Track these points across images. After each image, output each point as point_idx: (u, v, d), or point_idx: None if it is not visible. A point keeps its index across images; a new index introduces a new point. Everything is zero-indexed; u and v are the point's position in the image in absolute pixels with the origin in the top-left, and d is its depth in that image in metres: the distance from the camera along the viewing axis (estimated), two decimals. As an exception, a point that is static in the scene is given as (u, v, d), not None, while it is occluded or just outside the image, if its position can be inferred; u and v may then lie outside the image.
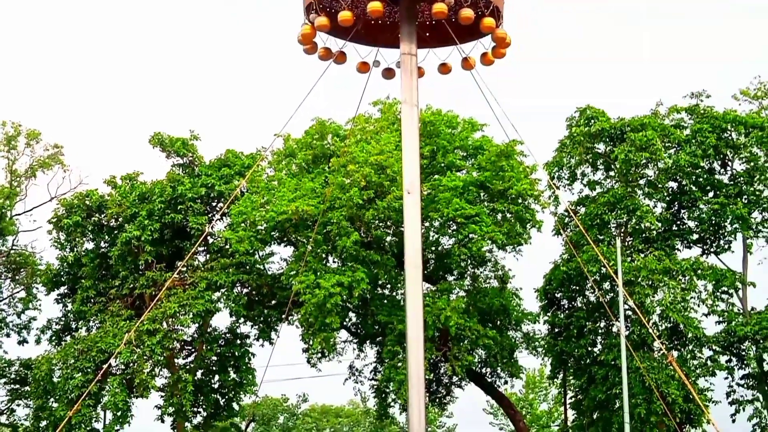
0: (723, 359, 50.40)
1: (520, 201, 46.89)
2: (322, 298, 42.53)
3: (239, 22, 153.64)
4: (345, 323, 47.52)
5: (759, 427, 52.24)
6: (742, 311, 51.00)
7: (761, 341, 48.97)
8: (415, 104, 22.18)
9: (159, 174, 52.71)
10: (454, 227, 45.53)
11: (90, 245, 53.41)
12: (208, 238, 48.60)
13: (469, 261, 47.99)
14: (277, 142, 47.80)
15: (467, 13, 20.94)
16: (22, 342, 56.37)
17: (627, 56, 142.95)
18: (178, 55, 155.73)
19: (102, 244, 52.84)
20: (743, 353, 50.44)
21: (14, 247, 57.86)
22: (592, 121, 50.69)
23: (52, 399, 48.30)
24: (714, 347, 49.79)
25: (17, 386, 54.89)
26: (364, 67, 23.30)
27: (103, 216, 52.48)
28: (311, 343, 46.35)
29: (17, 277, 56.79)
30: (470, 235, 45.05)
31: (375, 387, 50.18)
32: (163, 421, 51.76)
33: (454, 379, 50.25)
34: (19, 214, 57.79)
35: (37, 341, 55.76)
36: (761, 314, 49.70)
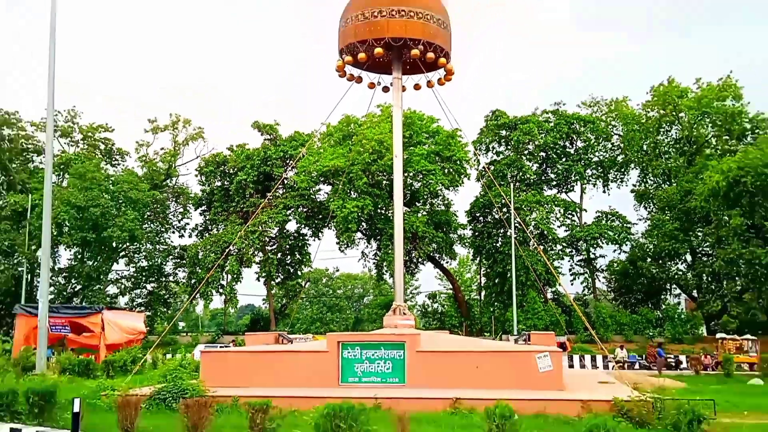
0: (567, 250, 50.78)
1: (458, 162, 47.10)
2: (347, 214, 42.90)
3: (301, 46, 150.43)
4: (360, 228, 47.71)
5: (587, 288, 52.92)
6: (579, 224, 51.26)
7: (589, 240, 49.38)
8: (401, 107, 22.23)
9: (256, 144, 52.78)
10: (421, 176, 45.66)
11: (218, 183, 53.53)
12: (284, 180, 48.64)
13: (428, 195, 48.23)
14: (323, 127, 47.87)
15: (430, 55, 20.89)
16: (181, 236, 56.73)
17: (524, 76, 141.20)
18: (255, 63, 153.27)
19: (225, 183, 52.91)
20: (578, 247, 50.78)
21: (176, 184, 57.97)
22: (499, 117, 50.61)
23: (198, 267, 48.61)
24: (562, 244, 50.05)
25: (178, 260, 55.27)
26: (371, 85, 23.29)
27: (225, 167, 52.54)
28: (341, 238, 46.77)
29: (178, 201, 56.90)
30: (429, 181, 45.36)
31: (376, 264, 50.48)
32: (258, 280, 52.38)
33: (419, 260, 50.66)
34: (178, 166, 57.83)
35: (189, 236, 56.16)
36: (589, 226, 49.90)
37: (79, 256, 51.37)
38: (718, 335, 38.65)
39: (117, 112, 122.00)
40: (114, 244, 50.38)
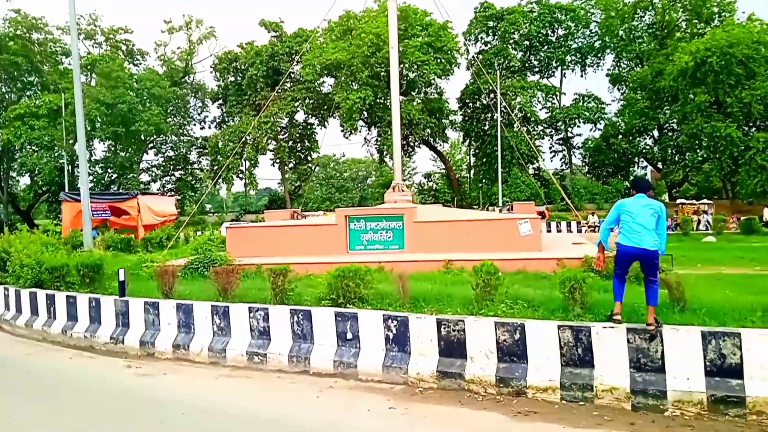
0: (548, 131, 50.49)
1: (449, 52, 45.61)
2: (350, 104, 42.06)
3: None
4: (362, 117, 47.02)
5: (564, 164, 53.07)
6: (558, 106, 50.58)
7: (567, 120, 49.06)
8: (395, 0, 21.17)
9: (264, 41, 51.18)
10: (416, 67, 44.34)
11: (232, 78, 52.44)
12: (291, 74, 47.42)
13: (422, 84, 47.14)
14: (324, 23, 46.19)
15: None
16: (202, 128, 56.41)
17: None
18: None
19: (238, 78, 51.80)
20: (558, 127, 50.52)
21: (194, 81, 56.69)
22: (488, 9, 48.77)
23: (219, 156, 48.57)
24: (543, 125, 49.66)
25: (201, 149, 55.10)
26: (368, -20, 22.01)
27: (238, 63, 51.23)
28: (345, 126, 46.18)
29: (197, 96, 55.93)
30: (423, 71, 44.07)
31: (377, 148, 50.31)
32: (273, 166, 52.48)
33: (416, 143, 50.36)
34: (194, 64, 56.30)
35: (209, 127, 55.84)
36: (567, 107, 49.51)
37: (113, 148, 51.20)
38: (679, 200, 39.10)
39: (134, 13, 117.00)
40: (142, 137, 50.04)
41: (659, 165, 49.88)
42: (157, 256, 17.13)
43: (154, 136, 51.23)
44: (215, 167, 49.36)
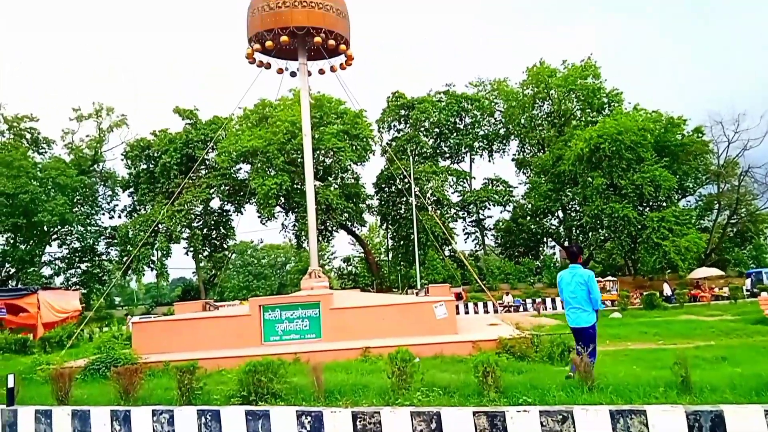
0: (460, 213, 51.97)
1: (364, 139, 46.82)
2: (267, 190, 41.93)
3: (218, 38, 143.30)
4: (279, 203, 46.82)
5: (477, 245, 54.41)
6: (469, 190, 52.45)
7: (478, 203, 50.69)
8: (307, 90, 21.84)
9: (178, 128, 50.73)
10: (332, 153, 45.07)
11: (144, 166, 51.22)
12: (206, 160, 47.05)
13: (339, 170, 47.84)
14: (239, 111, 46.64)
15: (331, 42, 20.55)
16: (111, 217, 54.06)
17: (422, 64, 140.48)
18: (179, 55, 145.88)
19: (150, 165, 50.67)
20: (469, 210, 52.07)
21: (103, 169, 54.97)
22: (399, 98, 50.82)
23: (129, 246, 46.61)
24: (456, 208, 51.13)
25: (110, 239, 52.74)
26: (280, 71, 22.59)
27: (150, 150, 50.33)
28: (262, 213, 45.80)
29: (106, 184, 54.07)
30: (339, 157, 44.87)
31: (295, 234, 49.93)
32: (187, 255, 50.86)
33: (333, 228, 50.47)
34: (104, 151, 54.88)
35: (119, 217, 53.67)
36: (477, 191, 51.27)
37: (12, 241, 48.16)
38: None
39: (41, 102, 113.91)
40: (45, 228, 47.55)
41: (565, 244, 52.18)
42: (54, 357, 15.88)
43: (59, 227, 48.80)
44: (125, 258, 47.30)
